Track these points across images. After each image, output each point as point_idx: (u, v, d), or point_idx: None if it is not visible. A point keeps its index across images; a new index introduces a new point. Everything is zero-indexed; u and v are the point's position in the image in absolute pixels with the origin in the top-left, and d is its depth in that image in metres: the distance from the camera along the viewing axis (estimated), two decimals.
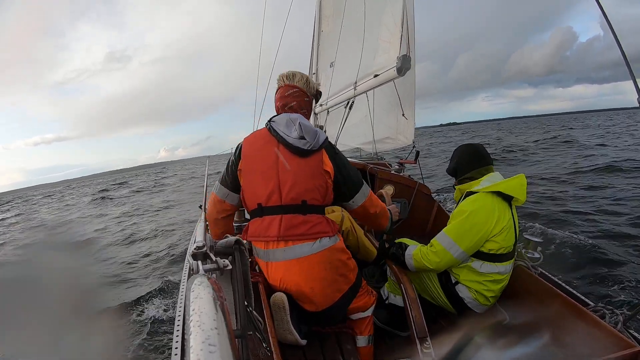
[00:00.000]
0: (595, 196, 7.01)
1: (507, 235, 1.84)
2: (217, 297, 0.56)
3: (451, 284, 1.94)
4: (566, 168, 10.68)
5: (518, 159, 14.54)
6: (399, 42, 2.58)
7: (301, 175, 1.63)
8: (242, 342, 0.68)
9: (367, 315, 1.85)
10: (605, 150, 14.28)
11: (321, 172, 1.65)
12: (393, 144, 5.07)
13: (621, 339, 1.44)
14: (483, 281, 1.87)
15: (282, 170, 1.64)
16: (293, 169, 1.63)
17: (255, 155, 1.70)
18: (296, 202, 1.62)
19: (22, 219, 18.16)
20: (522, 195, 1.86)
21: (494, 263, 1.86)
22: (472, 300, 1.90)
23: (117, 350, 1.07)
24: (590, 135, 22.19)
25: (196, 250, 0.77)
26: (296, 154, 1.65)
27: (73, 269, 1.04)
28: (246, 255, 0.86)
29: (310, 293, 1.63)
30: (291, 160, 1.65)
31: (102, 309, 0.95)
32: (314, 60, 4.88)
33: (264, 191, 1.64)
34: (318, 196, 1.64)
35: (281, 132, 1.68)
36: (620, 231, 4.94)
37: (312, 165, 1.65)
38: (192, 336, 0.47)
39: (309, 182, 1.63)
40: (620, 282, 3.65)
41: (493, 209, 1.82)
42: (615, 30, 1.22)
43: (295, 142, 1.65)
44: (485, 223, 1.80)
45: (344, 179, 1.71)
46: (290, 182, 1.62)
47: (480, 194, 1.88)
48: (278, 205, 1.63)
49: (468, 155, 2.05)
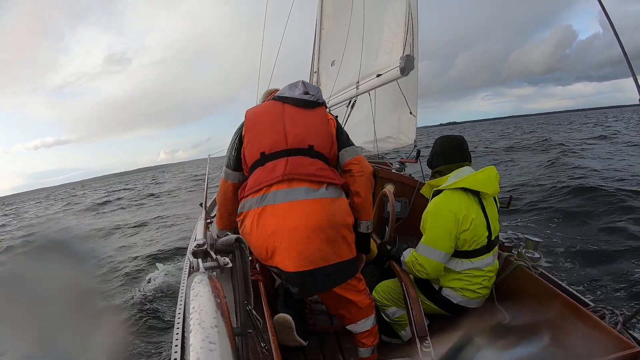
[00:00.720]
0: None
1: (476, 231, 1.79)
2: (217, 295, 0.57)
3: (436, 292, 1.92)
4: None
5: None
6: (401, 42, 2.58)
7: (309, 122, 1.67)
8: (241, 341, 0.68)
9: (370, 328, 1.78)
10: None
11: (326, 122, 1.71)
12: (395, 143, 5.07)
13: (621, 339, 1.44)
14: (463, 278, 1.85)
15: (288, 120, 1.66)
16: (300, 118, 1.68)
17: (261, 115, 1.74)
18: (303, 146, 1.61)
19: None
20: (489, 188, 1.81)
21: (469, 259, 1.84)
22: (462, 298, 1.87)
23: (117, 349, 1.07)
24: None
25: (196, 248, 0.77)
26: (302, 107, 1.71)
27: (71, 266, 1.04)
28: (246, 254, 0.87)
29: (306, 242, 1.48)
30: (297, 112, 1.70)
31: (101, 307, 0.95)
32: (315, 59, 4.88)
33: (268, 140, 1.62)
34: (325, 145, 1.65)
35: (286, 94, 1.75)
36: (619, 229, 4.93)
37: (319, 115, 1.71)
38: (192, 334, 0.47)
39: (316, 129, 1.66)
40: (620, 282, 3.65)
41: (459, 207, 1.78)
42: (615, 28, 1.22)
43: (301, 96, 1.72)
44: (453, 222, 1.77)
45: (341, 134, 1.75)
46: (297, 129, 1.64)
47: (444, 192, 1.85)
48: (284, 149, 1.60)
49: (443, 148, 1.98)
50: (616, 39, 1.22)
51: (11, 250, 4.93)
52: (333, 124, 1.74)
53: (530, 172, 10.43)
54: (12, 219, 22.32)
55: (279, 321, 1.56)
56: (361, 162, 1.72)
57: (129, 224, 11.35)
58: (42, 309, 0.82)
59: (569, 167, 9.84)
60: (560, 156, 11.95)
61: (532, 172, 10.24)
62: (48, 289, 0.86)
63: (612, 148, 13.94)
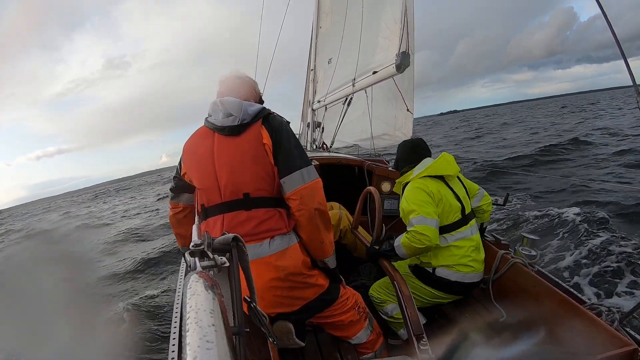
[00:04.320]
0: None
1: (449, 204, 1.98)
2: (214, 294, 0.56)
3: (432, 275, 2.00)
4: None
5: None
6: (398, 38, 2.58)
7: (237, 159, 1.39)
8: (239, 340, 0.67)
9: (366, 340, 1.71)
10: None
11: (261, 151, 1.39)
12: (391, 140, 5.07)
13: (618, 337, 1.45)
14: (452, 252, 1.97)
15: (217, 161, 1.42)
16: (228, 155, 1.41)
17: (194, 153, 1.52)
18: (237, 197, 1.40)
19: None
20: (450, 170, 2.05)
21: (449, 233, 1.98)
22: (457, 274, 1.96)
23: (114, 348, 1.06)
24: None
25: (193, 247, 0.77)
26: (229, 135, 1.42)
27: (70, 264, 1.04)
28: (244, 251, 0.86)
29: (261, 298, 1.38)
30: (225, 143, 1.42)
31: (96, 306, 0.94)
32: (312, 57, 4.87)
33: (204, 190, 1.47)
34: (263, 185, 1.40)
35: (211, 119, 1.47)
36: (619, 228, 4.96)
37: (248, 143, 1.39)
38: (189, 333, 0.47)
39: (248, 169, 1.39)
40: (617, 280, 3.67)
41: (428, 186, 1.97)
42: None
43: (224, 121, 1.42)
44: (426, 195, 1.95)
45: (281, 154, 1.40)
46: (226, 173, 1.40)
47: (413, 181, 2.04)
48: (218, 203, 1.44)
49: (406, 150, 2.22)
50: (607, 23, 1.23)
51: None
52: (269, 147, 1.39)
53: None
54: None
55: (278, 327, 1.53)
56: (302, 197, 1.39)
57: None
58: (38, 306, 0.81)
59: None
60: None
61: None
62: (45, 285, 0.86)
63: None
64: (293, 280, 1.43)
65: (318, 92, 4.69)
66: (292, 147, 1.42)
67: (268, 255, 1.39)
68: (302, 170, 1.40)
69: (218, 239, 0.87)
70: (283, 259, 1.41)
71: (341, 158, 3.38)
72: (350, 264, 2.78)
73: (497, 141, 18.16)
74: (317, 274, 1.52)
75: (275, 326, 1.52)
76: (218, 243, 0.84)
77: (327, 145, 4.83)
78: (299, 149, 1.45)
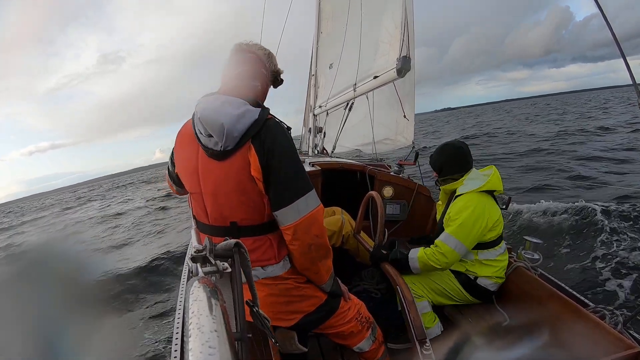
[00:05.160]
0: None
1: (499, 223, 2.03)
2: (216, 299, 0.57)
3: (472, 282, 2.05)
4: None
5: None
6: (398, 43, 2.58)
7: (222, 188, 1.25)
8: (241, 345, 0.68)
9: (369, 349, 1.66)
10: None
11: (248, 183, 1.23)
12: (392, 144, 5.06)
13: (621, 339, 1.44)
14: (494, 265, 2.04)
15: (202, 180, 1.29)
16: (212, 179, 1.27)
17: (180, 150, 1.39)
18: (224, 224, 1.30)
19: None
20: (500, 186, 2.07)
21: (494, 248, 2.04)
22: (494, 285, 2.05)
23: (117, 353, 1.05)
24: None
25: (195, 253, 0.77)
26: (212, 158, 1.25)
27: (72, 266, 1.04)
28: (246, 257, 0.86)
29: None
30: (208, 165, 1.27)
31: (99, 311, 0.94)
32: (313, 62, 4.89)
33: (193, 196, 1.38)
34: (252, 215, 1.28)
35: (195, 127, 1.28)
36: (620, 229, 4.93)
37: (234, 171, 1.23)
38: (191, 338, 0.47)
39: (235, 198, 1.25)
40: (620, 282, 3.65)
41: (488, 205, 2.00)
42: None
43: (206, 141, 1.24)
44: (484, 219, 1.96)
45: (272, 183, 1.23)
46: (211, 198, 1.29)
47: (471, 194, 2.01)
48: (206, 224, 1.35)
49: (456, 158, 2.17)
50: (605, 23, 1.23)
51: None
52: (258, 176, 1.21)
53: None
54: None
55: (280, 333, 1.52)
56: (296, 232, 1.25)
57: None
58: (40, 310, 0.82)
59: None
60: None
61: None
62: (48, 289, 0.86)
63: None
64: (289, 295, 1.40)
65: (319, 97, 4.70)
66: (286, 172, 1.23)
67: (263, 277, 1.35)
68: (298, 201, 1.23)
69: (220, 244, 0.87)
70: (274, 285, 1.37)
71: (343, 163, 3.38)
72: (352, 269, 2.78)
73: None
74: (311, 285, 1.46)
75: (277, 332, 1.52)
76: (220, 249, 0.84)
77: (328, 151, 4.85)
78: (295, 170, 1.26)
